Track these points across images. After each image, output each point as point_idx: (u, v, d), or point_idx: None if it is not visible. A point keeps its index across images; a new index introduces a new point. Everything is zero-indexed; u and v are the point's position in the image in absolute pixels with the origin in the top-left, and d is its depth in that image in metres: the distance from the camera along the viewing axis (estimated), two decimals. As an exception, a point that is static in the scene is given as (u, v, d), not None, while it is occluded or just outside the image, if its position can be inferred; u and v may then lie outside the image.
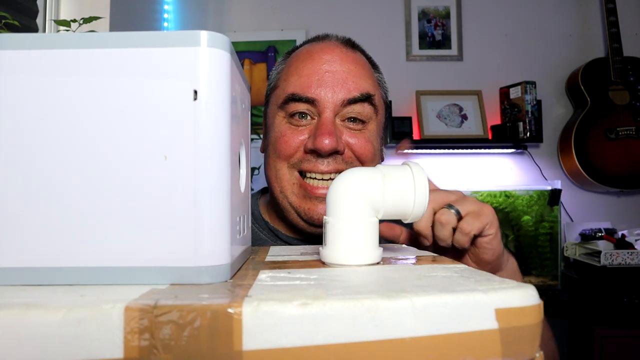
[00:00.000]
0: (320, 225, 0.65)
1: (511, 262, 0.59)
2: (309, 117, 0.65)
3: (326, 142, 0.61)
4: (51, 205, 0.30)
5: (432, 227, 0.53)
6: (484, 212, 0.52)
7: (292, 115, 0.65)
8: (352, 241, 0.38)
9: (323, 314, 0.24)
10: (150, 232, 0.30)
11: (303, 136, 0.64)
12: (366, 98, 0.65)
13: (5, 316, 0.24)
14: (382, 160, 0.73)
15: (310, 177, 0.65)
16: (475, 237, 0.53)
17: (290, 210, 0.67)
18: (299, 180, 0.65)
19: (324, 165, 0.63)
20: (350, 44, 0.70)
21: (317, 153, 0.63)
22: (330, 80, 0.64)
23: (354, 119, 0.65)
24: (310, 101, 0.63)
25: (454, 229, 0.52)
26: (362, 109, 0.65)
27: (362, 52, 0.72)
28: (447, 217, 0.51)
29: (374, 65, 0.72)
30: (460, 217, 0.52)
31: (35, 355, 0.23)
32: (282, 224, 0.73)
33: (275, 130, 0.66)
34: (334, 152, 0.63)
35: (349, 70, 0.65)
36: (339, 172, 0.63)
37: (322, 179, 0.64)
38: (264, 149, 0.72)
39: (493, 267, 0.55)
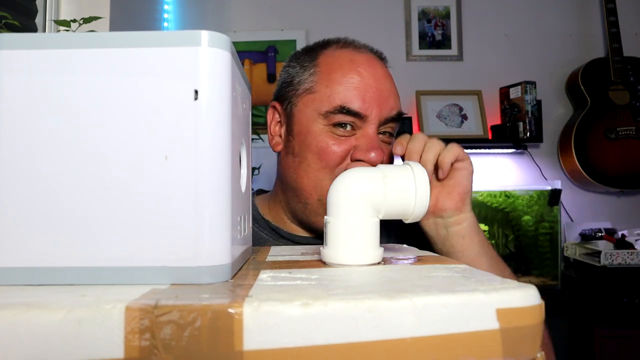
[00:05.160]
0: None
1: (472, 215, 0.66)
2: (350, 128, 0.66)
3: (373, 156, 0.64)
4: (51, 205, 0.30)
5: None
6: (462, 150, 0.65)
7: (334, 125, 0.66)
8: (353, 241, 0.38)
9: (324, 314, 0.24)
10: (150, 232, 0.30)
11: (346, 146, 0.66)
12: (399, 116, 0.70)
13: (5, 316, 0.23)
14: None
15: None
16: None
17: (323, 214, 0.67)
18: None
19: None
20: (382, 59, 0.73)
21: (361, 162, 0.66)
22: (377, 97, 0.67)
23: (384, 133, 0.69)
24: (359, 116, 0.65)
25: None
26: (394, 125, 0.70)
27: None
28: (437, 144, 0.63)
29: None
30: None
31: (35, 355, 0.23)
32: (286, 223, 0.74)
33: (317, 138, 0.66)
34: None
35: (390, 89, 0.69)
36: None
37: None
38: (292, 151, 0.70)
39: (462, 204, 0.64)
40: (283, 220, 0.74)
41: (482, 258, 0.64)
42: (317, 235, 0.72)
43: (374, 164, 0.64)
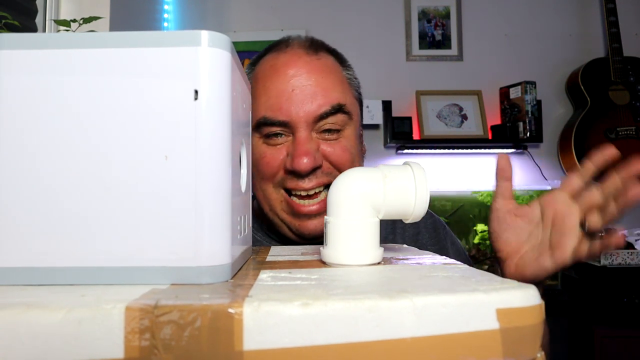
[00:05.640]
0: (312, 238, 0.65)
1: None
2: (284, 136, 0.64)
3: (304, 162, 0.60)
4: (51, 205, 0.30)
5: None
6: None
7: (267, 136, 0.64)
8: (353, 241, 0.38)
9: (324, 314, 0.24)
10: (150, 232, 0.30)
11: (282, 155, 0.64)
12: (338, 109, 0.64)
13: (5, 316, 0.23)
14: (364, 153, 0.73)
15: (295, 195, 0.65)
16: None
17: (282, 225, 0.67)
18: (285, 198, 0.65)
19: (306, 182, 0.63)
20: (313, 48, 0.67)
21: (297, 173, 0.62)
22: (299, 97, 0.62)
23: (328, 130, 0.64)
24: (282, 124, 0.63)
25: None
26: (335, 120, 0.64)
27: (328, 50, 0.69)
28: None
29: (342, 62, 0.70)
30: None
31: (35, 355, 0.23)
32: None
33: (255, 151, 0.65)
34: (313, 169, 0.63)
35: (317, 83, 0.63)
36: (321, 185, 0.64)
37: (308, 195, 0.64)
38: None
39: (525, 280, 0.57)
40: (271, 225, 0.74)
41: None
42: (308, 239, 0.71)
43: (306, 172, 0.61)
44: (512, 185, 0.59)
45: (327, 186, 0.64)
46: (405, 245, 0.54)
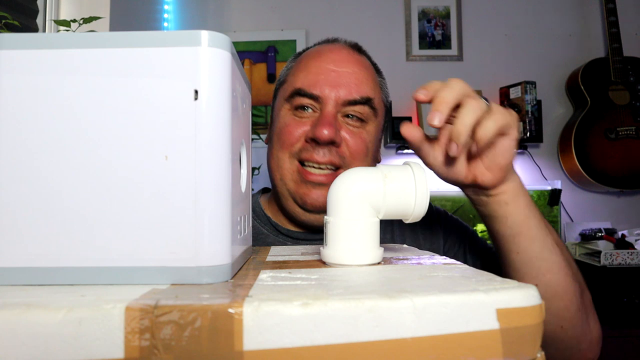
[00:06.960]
0: (313, 211, 0.69)
1: (515, 179, 0.56)
2: (311, 110, 0.69)
3: (325, 132, 0.65)
4: (51, 205, 0.30)
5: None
6: (512, 112, 0.51)
7: (296, 107, 0.69)
8: (353, 241, 0.38)
9: (324, 314, 0.24)
10: (150, 232, 0.30)
11: (305, 127, 0.68)
12: (366, 101, 0.69)
13: (5, 316, 0.23)
14: (379, 161, 0.76)
15: (309, 166, 0.69)
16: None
17: (288, 197, 0.71)
18: (297, 168, 0.69)
19: (320, 155, 0.67)
20: (357, 48, 0.75)
21: (315, 142, 0.66)
22: (334, 79, 0.68)
23: (353, 116, 0.69)
24: (314, 97, 0.68)
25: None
26: (361, 110, 0.69)
27: (368, 57, 0.76)
28: (477, 106, 0.47)
29: (377, 70, 0.77)
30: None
31: (35, 355, 0.23)
32: (284, 218, 0.76)
33: (280, 120, 0.71)
34: (331, 143, 0.67)
35: (353, 72, 0.69)
36: (332, 164, 0.68)
37: (320, 168, 0.68)
38: (269, 140, 0.76)
39: (504, 176, 0.53)
40: (280, 216, 0.77)
41: (530, 221, 0.55)
42: (315, 231, 0.73)
43: (325, 141, 0.65)
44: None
45: (337, 168, 0.68)
46: (405, 245, 0.54)
